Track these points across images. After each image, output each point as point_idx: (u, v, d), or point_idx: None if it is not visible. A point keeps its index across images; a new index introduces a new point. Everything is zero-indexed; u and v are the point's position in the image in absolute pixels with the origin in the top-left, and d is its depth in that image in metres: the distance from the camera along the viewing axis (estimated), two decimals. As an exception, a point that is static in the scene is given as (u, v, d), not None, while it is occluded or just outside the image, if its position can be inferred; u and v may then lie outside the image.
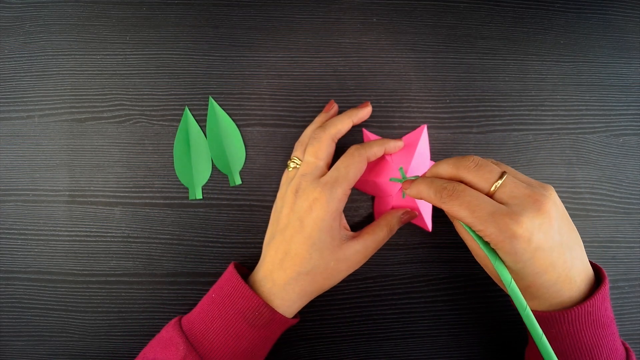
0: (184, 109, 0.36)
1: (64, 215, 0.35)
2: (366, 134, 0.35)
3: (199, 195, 0.35)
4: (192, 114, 0.36)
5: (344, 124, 0.32)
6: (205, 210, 0.36)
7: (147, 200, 0.35)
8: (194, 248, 0.35)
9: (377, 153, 0.32)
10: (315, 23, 0.37)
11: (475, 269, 0.36)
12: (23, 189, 0.35)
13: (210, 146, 0.36)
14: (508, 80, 0.37)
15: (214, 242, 0.35)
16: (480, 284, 0.36)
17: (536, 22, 0.38)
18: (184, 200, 0.36)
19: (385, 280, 0.36)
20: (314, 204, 0.29)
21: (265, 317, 0.29)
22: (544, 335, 0.25)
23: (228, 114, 0.36)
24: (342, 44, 0.37)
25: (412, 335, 0.36)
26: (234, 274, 0.30)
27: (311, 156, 0.31)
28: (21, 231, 0.35)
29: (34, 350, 0.35)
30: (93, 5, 0.36)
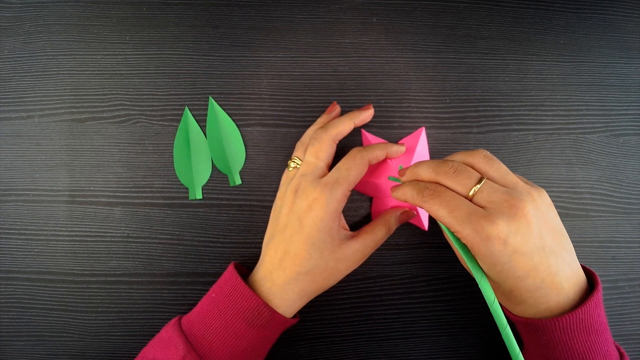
0: (184, 109, 0.36)
1: (64, 215, 0.35)
2: (365, 135, 0.35)
3: (199, 195, 0.35)
4: (192, 114, 0.36)
5: (345, 126, 0.32)
6: (205, 210, 0.36)
7: (147, 200, 0.35)
8: (194, 248, 0.35)
9: (379, 157, 0.32)
10: (315, 23, 0.37)
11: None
12: (23, 189, 0.35)
13: (210, 146, 0.36)
14: (508, 80, 0.37)
15: (214, 242, 0.35)
16: (480, 284, 0.36)
17: (536, 22, 0.38)
18: (184, 200, 0.36)
19: (385, 280, 0.36)
20: (314, 203, 0.29)
21: (264, 317, 0.29)
22: (520, 354, 0.25)
23: (228, 114, 0.36)
24: (342, 44, 0.37)
25: (412, 335, 0.36)
26: (234, 274, 0.30)
27: (312, 156, 0.31)
28: (21, 231, 0.35)
29: (34, 350, 0.35)
30: (93, 5, 0.36)
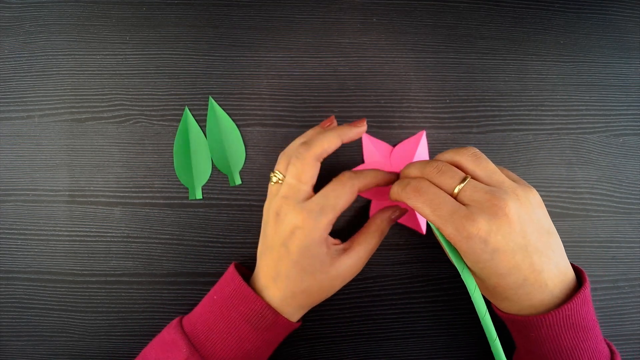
0: (184, 109, 0.36)
1: (64, 215, 0.35)
2: (365, 140, 0.35)
3: (199, 195, 0.35)
4: (192, 114, 0.36)
5: (331, 144, 0.29)
6: (205, 210, 0.36)
7: (147, 200, 0.35)
8: (194, 248, 0.35)
9: (369, 185, 0.30)
10: (315, 23, 0.37)
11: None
12: (23, 189, 0.35)
13: (210, 146, 0.36)
14: (508, 80, 0.37)
15: (214, 242, 0.35)
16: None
17: (536, 22, 0.38)
18: (184, 200, 0.36)
19: (385, 280, 0.36)
20: (297, 231, 0.27)
21: (268, 320, 0.28)
22: (497, 338, 0.26)
23: (228, 114, 0.36)
24: (342, 44, 0.37)
25: (412, 335, 0.36)
26: (236, 276, 0.30)
27: (293, 178, 0.28)
28: (21, 231, 0.35)
29: (34, 350, 0.35)
30: (93, 5, 0.36)
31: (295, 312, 0.30)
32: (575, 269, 0.29)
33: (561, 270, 0.26)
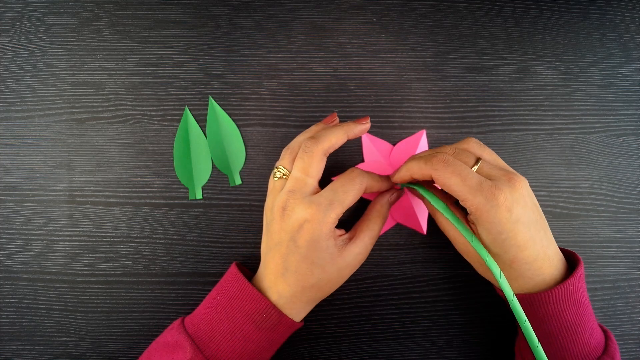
0: (184, 109, 0.36)
1: (64, 215, 0.35)
2: (365, 139, 0.35)
3: (199, 195, 0.35)
4: (192, 114, 0.36)
5: (338, 139, 0.29)
6: (205, 210, 0.36)
7: (147, 200, 0.35)
8: (194, 248, 0.35)
9: (374, 189, 0.30)
10: (315, 23, 0.37)
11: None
12: (23, 189, 0.35)
13: (210, 146, 0.36)
14: (508, 80, 0.37)
15: (214, 242, 0.35)
16: (480, 284, 0.36)
17: (536, 22, 0.38)
18: (184, 200, 0.36)
19: (385, 280, 0.36)
20: (305, 225, 0.27)
21: (272, 320, 0.28)
22: (527, 319, 0.27)
23: (228, 114, 0.36)
24: (342, 44, 0.37)
25: (412, 335, 0.36)
26: (240, 276, 0.30)
27: (300, 172, 0.28)
28: (21, 231, 0.35)
29: (34, 350, 0.35)
30: (93, 5, 0.36)
31: (301, 310, 0.30)
32: (565, 252, 0.30)
33: (557, 249, 0.28)
